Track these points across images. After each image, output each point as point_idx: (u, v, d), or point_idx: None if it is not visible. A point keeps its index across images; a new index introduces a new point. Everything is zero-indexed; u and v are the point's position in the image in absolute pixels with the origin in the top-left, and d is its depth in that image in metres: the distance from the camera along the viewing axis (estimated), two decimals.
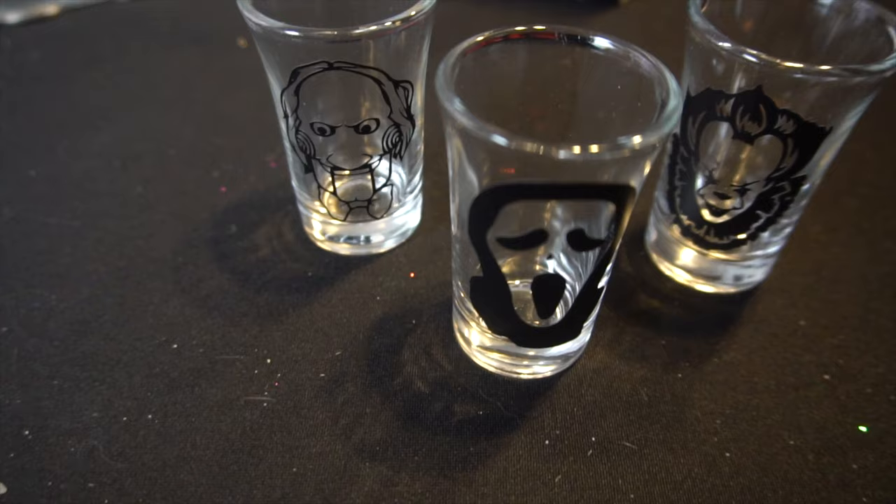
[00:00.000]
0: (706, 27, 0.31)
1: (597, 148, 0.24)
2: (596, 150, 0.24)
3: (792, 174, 0.33)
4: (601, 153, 0.24)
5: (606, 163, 0.25)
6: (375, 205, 0.38)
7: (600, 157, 0.24)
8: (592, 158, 0.24)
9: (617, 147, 0.24)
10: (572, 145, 0.24)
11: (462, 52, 0.29)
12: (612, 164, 0.25)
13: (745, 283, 0.39)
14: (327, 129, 0.34)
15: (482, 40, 0.29)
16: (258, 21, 0.31)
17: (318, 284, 0.39)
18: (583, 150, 0.24)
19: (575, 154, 0.24)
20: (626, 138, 0.24)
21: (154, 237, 0.42)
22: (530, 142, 0.24)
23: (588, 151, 0.24)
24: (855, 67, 0.29)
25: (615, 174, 0.26)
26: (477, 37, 0.29)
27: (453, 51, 0.29)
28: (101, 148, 0.48)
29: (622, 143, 0.24)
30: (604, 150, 0.24)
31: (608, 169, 0.25)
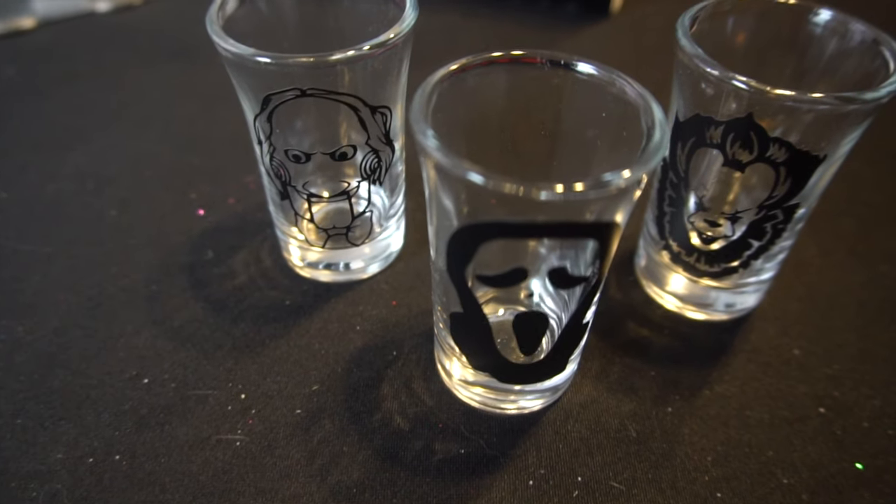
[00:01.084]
0: (694, 51, 0.30)
1: (581, 186, 0.23)
2: (580, 189, 0.23)
3: (785, 202, 0.32)
4: (585, 192, 0.23)
5: (591, 201, 0.24)
6: (355, 231, 0.37)
7: (584, 195, 0.23)
8: (576, 198, 0.23)
9: (602, 185, 0.23)
10: (554, 185, 0.22)
11: (440, 78, 0.28)
12: (597, 202, 0.24)
13: (737, 309, 0.38)
14: (302, 156, 0.33)
15: (458, 67, 0.28)
16: (227, 46, 0.30)
17: (297, 313, 0.38)
18: (566, 189, 0.22)
19: (557, 194, 0.23)
20: (612, 175, 0.23)
21: (127, 264, 0.41)
22: (509, 182, 0.22)
23: (571, 191, 0.22)
24: (849, 96, 0.27)
25: (599, 211, 0.25)
26: (453, 64, 0.28)
27: (430, 78, 0.28)
28: (76, 169, 0.47)
29: (607, 181, 0.23)
30: (588, 188, 0.23)
31: (592, 207, 0.24)
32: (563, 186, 0.23)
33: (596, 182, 0.23)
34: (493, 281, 0.27)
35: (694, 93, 0.31)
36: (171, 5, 0.65)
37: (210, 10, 0.32)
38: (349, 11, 0.36)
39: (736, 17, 0.34)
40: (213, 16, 0.31)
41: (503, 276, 0.27)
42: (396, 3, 0.34)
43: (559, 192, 0.23)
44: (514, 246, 0.27)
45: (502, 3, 0.65)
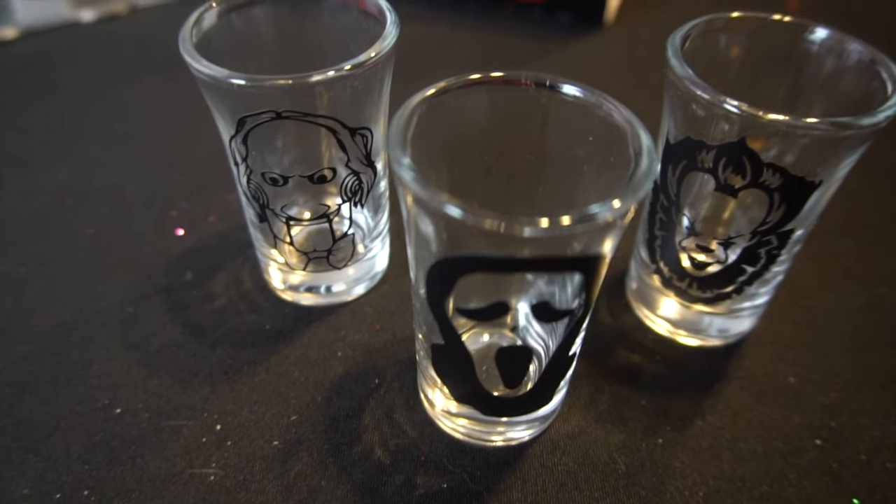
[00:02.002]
0: (684, 72, 0.29)
1: (567, 220, 0.21)
2: (565, 224, 0.21)
3: (779, 227, 0.31)
4: (572, 226, 0.22)
5: (576, 234, 0.23)
6: (337, 254, 0.36)
7: (570, 230, 0.22)
8: (561, 233, 0.22)
9: (587, 219, 0.22)
10: (538, 219, 0.21)
11: (418, 102, 0.26)
12: (583, 235, 0.23)
13: (731, 334, 0.37)
14: (280, 178, 0.32)
15: (437, 91, 0.27)
16: (200, 67, 0.28)
17: (277, 339, 0.37)
18: (551, 224, 0.21)
19: (541, 229, 0.21)
20: (598, 207, 0.22)
21: (103, 285, 0.39)
22: (489, 217, 0.21)
23: (556, 226, 0.21)
24: (845, 121, 0.26)
25: (585, 244, 0.23)
26: (431, 88, 0.27)
27: (408, 102, 0.26)
28: (55, 185, 0.46)
29: (593, 215, 0.22)
30: (574, 222, 0.21)
31: (578, 240, 0.23)
32: (547, 221, 0.21)
33: (582, 216, 0.22)
34: (473, 314, 0.26)
35: (685, 115, 0.30)
36: (156, 15, 0.64)
37: (183, 29, 0.31)
38: (329, 27, 0.35)
39: (729, 34, 0.33)
40: (185, 35, 0.30)
41: (484, 309, 0.26)
42: (377, 19, 0.33)
43: (543, 227, 0.21)
44: (495, 278, 0.26)
45: (494, 13, 0.64)
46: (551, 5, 0.63)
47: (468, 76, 0.28)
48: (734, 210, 0.32)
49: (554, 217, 0.21)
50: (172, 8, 0.64)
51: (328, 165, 0.32)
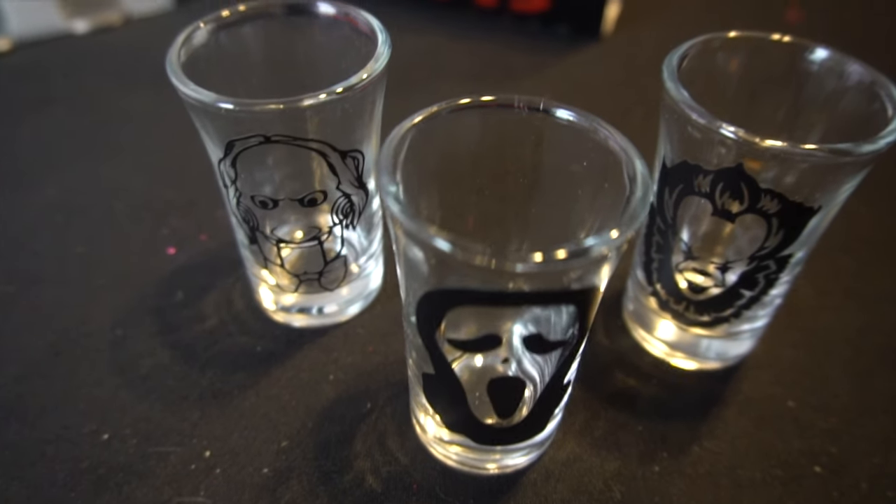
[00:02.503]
0: (680, 96, 0.28)
1: (562, 254, 0.21)
2: (560, 258, 0.21)
3: (777, 252, 0.30)
4: (566, 261, 0.21)
5: (570, 268, 0.22)
6: (328, 276, 0.35)
7: (564, 265, 0.21)
8: (555, 268, 0.21)
9: (582, 253, 0.21)
10: (530, 254, 0.21)
11: (408, 128, 0.26)
12: (577, 269, 0.22)
13: (729, 357, 0.36)
14: (269, 202, 0.31)
15: (428, 115, 0.26)
16: (188, 91, 0.28)
17: (268, 361, 0.36)
18: (545, 258, 0.21)
19: (534, 264, 0.21)
20: (593, 240, 0.21)
21: (93, 305, 0.39)
22: (479, 253, 0.21)
23: (550, 261, 0.21)
24: (843, 148, 0.26)
25: (579, 277, 0.23)
26: (419, 115, 0.26)
27: (399, 127, 0.26)
28: (45, 200, 0.45)
29: (587, 249, 0.21)
30: (568, 257, 0.21)
31: (571, 273, 0.23)
32: (541, 255, 0.21)
33: (576, 250, 0.21)
34: (464, 345, 0.26)
35: (681, 138, 0.29)
36: (150, 25, 0.63)
37: (170, 50, 0.30)
38: (320, 46, 0.34)
39: (727, 54, 0.33)
40: (172, 56, 0.30)
41: (475, 341, 0.25)
42: (369, 37, 0.32)
43: (536, 263, 0.21)
44: (487, 309, 0.25)
45: (491, 24, 0.64)
46: (549, 17, 0.62)
47: (459, 100, 0.27)
48: (732, 234, 0.31)
49: (547, 252, 0.21)
50: (167, 18, 0.64)
51: (319, 188, 0.32)
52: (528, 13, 0.63)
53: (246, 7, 0.32)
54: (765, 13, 0.67)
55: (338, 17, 0.33)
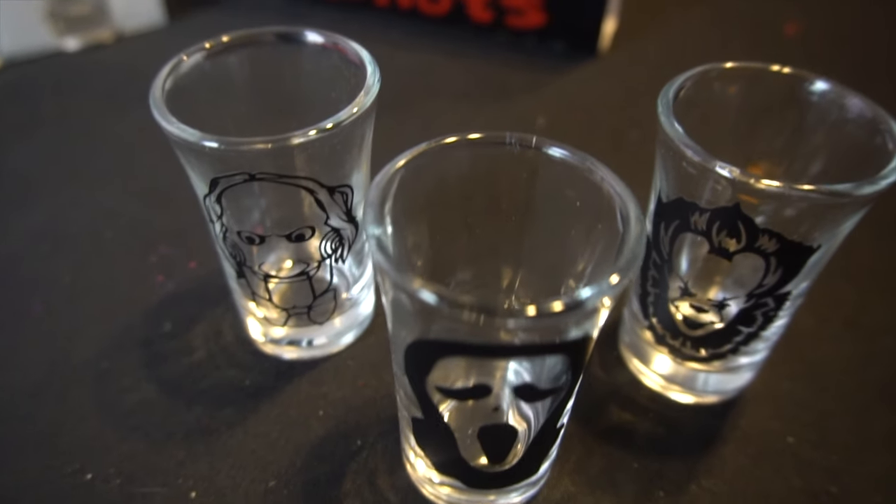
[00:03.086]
0: (675, 132, 0.28)
1: (557, 306, 0.20)
2: (555, 311, 0.20)
3: (776, 290, 0.29)
4: (560, 315, 0.20)
5: (563, 321, 0.21)
6: (318, 309, 0.35)
7: (557, 319, 0.21)
8: (547, 323, 0.21)
9: (577, 305, 0.20)
10: (521, 309, 0.20)
11: (398, 168, 0.25)
12: (570, 320, 0.22)
13: (726, 391, 0.35)
14: (256, 238, 0.31)
15: (417, 154, 0.26)
16: (170, 128, 0.27)
17: (256, 396, 0.35)
18: (538, 312, 0.20)
19: (526, 319, 0.20)
20: (590, 290, 0.21)
21: (79, 337, 0.38)
22: (467, 308, 0.20)
23: (543, 315, 0.20)
24: (843, 190, 0.25)
25: (571, 328, 0.22)
26: (404, 156, 0.25)
27: (388, 168, 0.25)
28: (32, 227, 0.45)
29: (582, 301, 0.20)
30: (563, 310, 0.20)
31: (564, 325, 0.22)
32: (534, 308, 0.20)
33: (571, 303, 0.20)
34: (454, 394, 0.25)
35: (677, 175, 0.29)
36: (142, 42, 0.62)
37: (154, 83, 0.29)
38: (309, 75, 0.33)
39: (726, 84, 0.32)
40: (156, 91, 0.29)
41: (465, 390, 0.25)
42: (357, 66, 0.31)
43: (528, 318, 0.20)
44: (477, 360, 0.24)
45: (486, 40, 0.63)
46: (545, 33, 0.61)
47: (448, 138, 0.26)
48: (729, 271, 0.30)
49: (541, 305, 0.20)
50: (160, 34, 0.63)
51: (307, 224, 0.31)
52: (524, 29, 0.62)
53: (231, 37, 0.32)
54: (764, 27, 0.67)
55: (326, 45, 0.33)
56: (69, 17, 0.59)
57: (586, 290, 0.21)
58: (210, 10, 0.67)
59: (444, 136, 0.26)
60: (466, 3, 0.62)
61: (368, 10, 0.65)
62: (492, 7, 0.61)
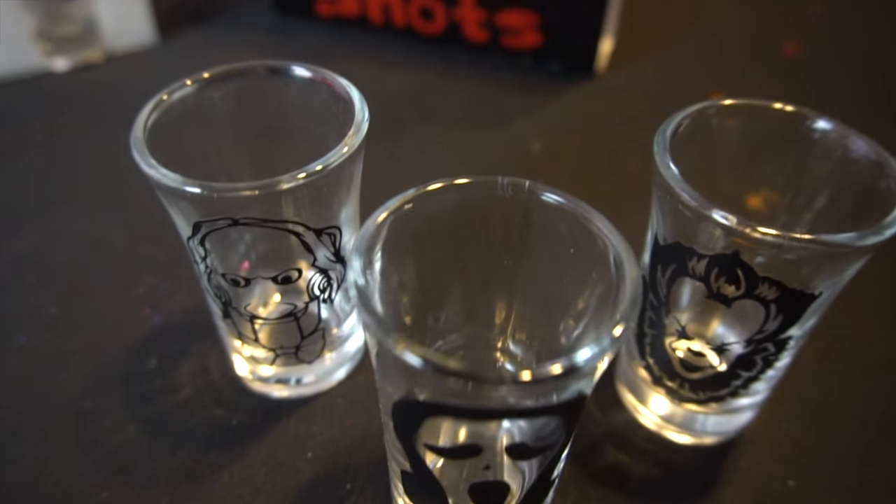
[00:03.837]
0: (671, 175, 0.27)
1: (555, 370, 0.19)
2: (552, 375, 0.19)
3: (776, 336, 0.28)
4: (554, 379, 0.19)
5: (560, 383, 0.20)
6: (306, 349, 0.34)
7: (553, 383, 0.20)
8: (542, 388, 0.20)
9: (574, 369, 0.20)
10: (513, 374, 0.19)
11: (385, 217, 0.24)
12: (568, 382, 0.21)
13: (725, 432, 0.35)
14: (241, 280, 0.30)
15: (401, 203, 0.25)
16: (151, 172, 0.26)
17: (243, 437, 0.35)
18: (534, 376, 0.19)
19: (520, 383, 0.19)
20: (588, 353, 0.20)
21: (62, 373, 0.37)
22: (455, 374, 0.19)
23: (537, 380, 0.19)
24: (845, 242, 0.24)
25: (568, 388, 0.21)
26: (395, 201, 0.25)
27: (374, 217, 0.24)
28: (17, 257, 0.44)
29: (580, 364, 0.20)
30: (560, 373, 0.19)
31: (558, 387, 0.21)
32: (529, 374, 0.19)
33: (569, 366, 0.19)
34: (443, 452, 0.24)
35: (674, 219, 0.28)
36: (133, 62, 0.62)
37: (135, 125, 0.28)
38: (297, 110, 0.33)
39: (724, 121, 0.31)
40: (137, 132, 0.28)
41: (455, 449, 0.24)
42: (346, 102, 0.31)
43: (524, 381, 0.19)
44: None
45: (482, 60, 0.62)
46: (541, 53, 0.61)
47: (436, 184, 0.26)
48: (728, 315, 0.30)
49: (537, 370, 0.19)
50: (150, 54, 0.62)
51: (293, 266, 0.30)
52: (520, 49, 0.61)
53: (215, 72, 0.31)
54: (763, 47, 0.66)
55: (314, 79, 0.32)
56: (58, 38, 0.58)
57: (585, 349, 0.20)
58: (202, 29, 0.66)
59: (432, 182, 0.26)
60: (461, 23, 0.61)
61: (362, 28, 0.65)
62: (487, 27, 0.60)
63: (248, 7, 0.69)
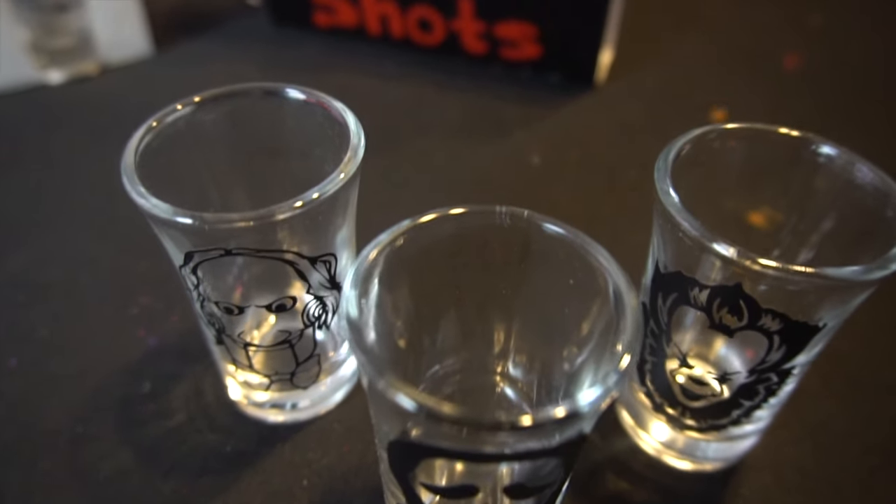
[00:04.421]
0: (671, 202, 0.26)
1: (558, 413, 0.19)
2: (557, 417, 0.19)
3: (780, 366, 0.28)
4: (558, 422, 0.19)
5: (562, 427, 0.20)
6: (301, 375, 0.33)
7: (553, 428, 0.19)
8: (542, 432, 0.19)
9: (576, 413, 0.19)
10: (516, 419, 0.19)
11: (378, 251, 0.24)
12: (568, 425, 0.20)
13: (727, 458, 0.34)
14: (235, 308, 0.29)
15: (395, 235, 0.24)
16: (142, 202, 0.26)
17: (237, 463, 0.34)
18: (535, 421, 0.19)
19: (520, 427, 0.19)
20: (591, 394, 0.19)
21: (54, 398, 0.37)
22: (449, 421, 0.19)
23: (540, 424, 0.19)
24: (849, 277, 0.24)
25: (566, 431, 0.21)
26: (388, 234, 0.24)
27: (370, 248, 0.24)
28: (8, 276, 0.43)
29: (584, 409, 0.19)
30: (562, 416, 0.19)
31: (559, 429, 0.20)
32: (529, 418, 0.19)
33: (571, 410, 0.19)
34: (440, 491, 0.24)
35: (675, 247, 0.27)
36: (129, 74, 0.61)
37: (126, 149, 0.28)
38: (292, 132, 0.32)
39: (726, 145, 0.31)
40: (128, 158, 0.27)
41: (451, 489, 0.23)
42: (340, 123, 0.30)
43: (523, 426, 0.19)
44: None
45: (480, 71, 0.62)
46: (540, 64, 0.60)
47: (432, 215, 0.25)
48: (730, 346, 0.29)
49: (537, 415, 0.19)
50: (146, 66, 0.62)
51: (287, 294, 0.30)
52: (520, 60, 0.61)
53: (206, 96, 0.30)
54: (763, 56, 0.65)
55: (309, 101, 0.31)
56: (53, 50, 0.57)
57: (589, 391, 0.19)
58: (197, 39, 0.65)
59: (427, 213, 0.25)
60: (460, 35, 0.60)
61: (360, 39, 0.64)
62: (486, 38, 0.60)
63: (244, 17, 0.68)
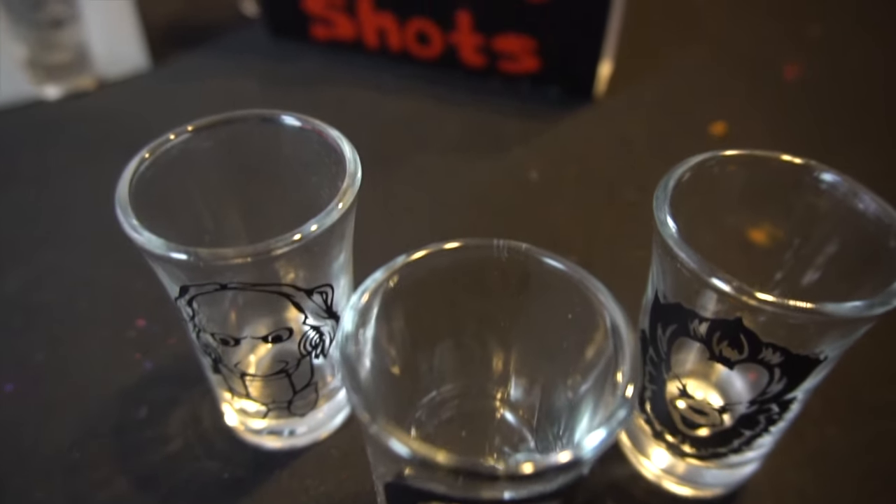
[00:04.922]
0: (669, 234, 0.26)
1: (560, 460, 0.19)
2: (561, 462, 0.19)
3: (780, 397, 0.28)
4: (558, 468, 0.19)
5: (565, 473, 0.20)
6: (298, 403, 0.33)
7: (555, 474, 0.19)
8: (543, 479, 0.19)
9: (580, 460, 0.19)
10: (517, 466, 0.18)
11: (374, 289, 0.24)
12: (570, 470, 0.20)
13: (729, 484, 0.34)
14: (231, 340, 0.29)
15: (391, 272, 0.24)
16: (136, 237, 0.26)
17: (234, 491, 0.34)
18: (536, 469, 0.18)
19: (520, 476, 0.19)
20: (595, 439, 0.19)
21: (50, 423, 0.36)
22: (443, 469, 0.18)
23: (541, 472, 0.18)
24: (850, 314, 0.23)
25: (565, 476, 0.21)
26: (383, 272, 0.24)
27: (366, 284, 0.24)
28: (4, 297, 0.43)
29: (588, 455, 0.19)
30: (565, 462, 0.19)
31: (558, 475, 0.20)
32: (531, 465, 0.18)
33: (576, 457, 0.19)
34: None
35: (675, 279, 0.27)
36: (126, 89, 0.61)
37: (121, 181, 0.28)
38: (289, 158, 0.32)
39: (726, 172, 0.30)
40: (122, 190, 0.27)
41: None
42: (336, 152, 0.30)
43: (524, 474, 0.19)
44: None
45: (479, 85, 0.61)
46: (539, 78, 0.60)
47: (428, 249, 0.25)
48: (730, 378, 0.29)
49: (539, 462, 0.18)
50: (143, 80, 0.62)
51: (284, 325, 0.29)
52: (518, 74, 0.60)
53: (200, 124, 0.30)
54: (763, 68, 0.65)
55: (305, 128, 0.31)
56: (49, 65, 0.57)
57: (586, 441, 0.19)
58: (195, 53, 0.65)
59: (422, 247, 0.25)
60: (458, 48, 0.60)
61: (357, 52, 0.64)
62: (484, 52, 0.60)
63: (242, 30, 0.68)
